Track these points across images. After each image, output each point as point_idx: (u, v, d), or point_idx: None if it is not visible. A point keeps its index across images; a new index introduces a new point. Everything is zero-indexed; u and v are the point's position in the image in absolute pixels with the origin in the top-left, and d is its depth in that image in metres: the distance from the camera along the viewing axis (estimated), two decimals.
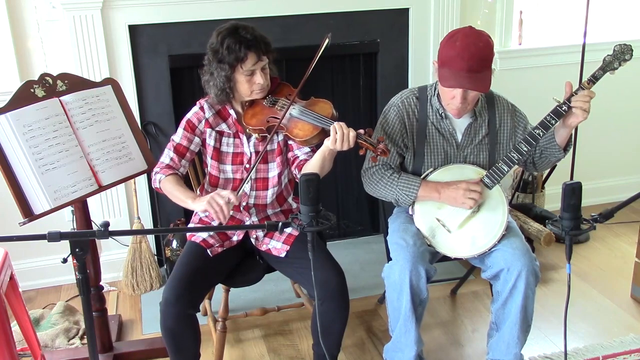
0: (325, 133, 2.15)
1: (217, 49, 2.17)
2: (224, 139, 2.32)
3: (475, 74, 2.14)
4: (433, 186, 2.31)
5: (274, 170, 2.36)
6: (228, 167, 2.34)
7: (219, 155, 2.33)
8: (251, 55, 2.15)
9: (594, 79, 2.21)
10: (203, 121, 2.29)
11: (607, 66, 2.22)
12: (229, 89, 2.22)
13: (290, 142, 2.33)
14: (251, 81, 2.21)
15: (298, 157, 2.33)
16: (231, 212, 2.37)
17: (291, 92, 2.29)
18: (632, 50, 2.22)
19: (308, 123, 2.18)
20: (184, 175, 2.36)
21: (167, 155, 2.30)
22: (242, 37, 2.15)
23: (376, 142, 2.12)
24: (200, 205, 2.12)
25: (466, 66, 2.13)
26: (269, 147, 2.31)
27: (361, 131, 2.12)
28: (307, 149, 2.33)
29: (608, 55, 2.23)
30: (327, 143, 2.11)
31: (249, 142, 2.32)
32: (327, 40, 2.22)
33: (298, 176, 2.32)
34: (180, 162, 2.30)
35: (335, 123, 2.10)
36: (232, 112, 2.32)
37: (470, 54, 2.12)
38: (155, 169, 2.30)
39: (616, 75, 2.29)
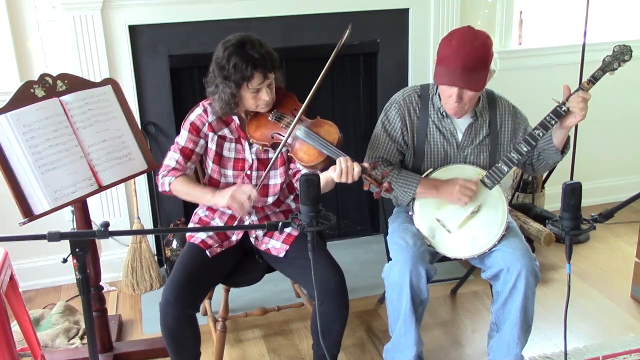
0: (330, 160, 2.14)
1: (224, 66, 2.12)
2: (226, 144, 2.32)
3: (469, 73, 2.14)
4: (431, 183, 2.32)
5: (276, 178, 2.35)
6: (229, 172, 2.33)
7: (220, 159, 2.32)
8: (257, 75, 2.12)
9: (594, 79, 2.21)
10: (206, 124, 2.28)
11: (607, 67, 2.22)
12: (234, 104, 2.20)
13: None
14: (257, 97, 2.19)
15: (300, 170, 2.32)
16: (230, 212, 2.37)
17: (296, 107, 2.25)
18: (631, 51, 2.22)
19: (314, 148, 2.16)
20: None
21: (172, 158, 2.29)
22: (250, 55, 2.10)
23: (380, 178, 2.09)
24: (222, 200, 2.14)
25: (460, 65, 2.13)
26: (271, 156, 2.30)
27: (366, 165, 2.09)
28: None
29: (607, 55, 2.23)
30: (332, 174, 2.09)
31: (250, 148, 2.31)
32: (347, 32, 2.16)
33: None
34: (186, 164, 2.29)
35: (341, 157, 2.07)
36: (235, 117, 2.31)
37: (465, 53, 2.13)
38: (162, 172, 2.28)
39: (616, 76, 2.29)
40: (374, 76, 3.47)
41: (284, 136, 2.17)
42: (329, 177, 2.11)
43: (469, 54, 2.13)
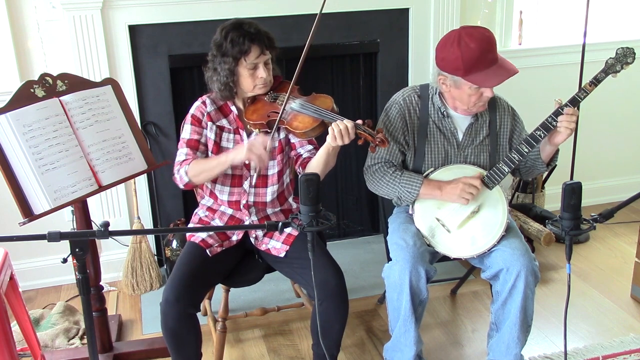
0: (325, 126, 2.16)
1: (221, 43, 2.19)
2: (224, 135, 2.33)
3: (500, 61, 2.21)
4: (435, 184, 2.32)
5: (273, 167, 2.36)
6: None
7: (219, 150, 2.33)
8: (254, 48, 2.17)
9: (596, 81, 2.21)
10: (205, 114, 2.31)
11: (609, 69, 2.22)
12: (232, 83, 2.23)
13: (291, 137, 2.33)
14: (254, 75, 2.22)
15: (301, 155, 2.34)
16: (231, 211, 2.38)
17: (293, 88, 2.29)
18: (634, 54, 2.22)
19: (308, 116, 2.19)
20: None
21: (182, 153, 2.29)
22: (246, 30, 2.18)
23: (375, 133, 2.13)
24: (240, 155, 2.14)
25: (492, 57, 2.18)
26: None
27: (359, 122, 2.13)
28: (309, 147, 2.34)
29: (610, 58, 2.23)
30: (328, 140, 2.12)
31: (249, 138, 2.32)
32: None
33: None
34: (195, 154, 2.29)
35: (334, 122, 2.11)
36: (233, 108, 2.33)
37: (489, 45, 2.18)
38: (175, 168, 2.28)
39: (617, 76, 2.29)
40: (374, 76, 3.47)
41: (279, 112, 2.21)
42: (329, 146, 2.14)
43: (492, 44, 2.18)
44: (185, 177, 2.24)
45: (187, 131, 2.31)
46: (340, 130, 2.08)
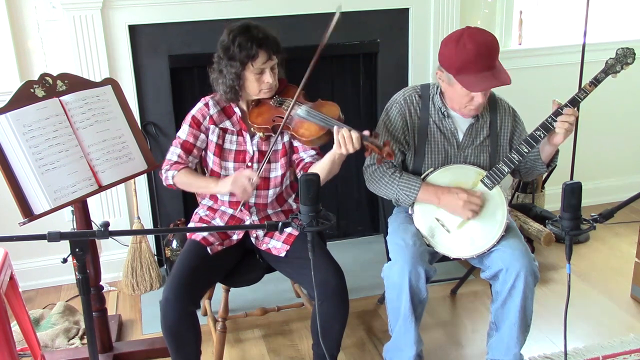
0: (331, 134, 2.15)
1: (229, 47, 2.18)
2: (227, 136, 2.33)
3: (497, 68, 2.17)
4: (433, 191, 2.31)
5: (277, 170, 2.36)
6: (230, 165, 2.34)
7: (221, 152, 2.33)
8: (262, 54, 2.17)
9: (596, 81, 2.21)
10: (207, 117, 2.30)
11: (610, 69, 2.22)
12: (237, 86, 2.22)
13: (295, 142, 2.33)
14: (260, 80, 2.22)
15: (303, 159, 2.33)
16: (231, 211, 2.38)
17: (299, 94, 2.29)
18: (634, 54, 2.21)
19: (314, 123, 2.18)
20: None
21: (174, 153, 2.31)
22: (254, 35, 2.17)
23: (382, 145, 2.12)
24: (224, 187, 2.18)
25: (488, 64, 2.14)
26: (273, 147, 2.31)
27: (366, 132, 2.12)
28: (312, 152, 2.33)
29: (611, 58, 2.22)
30: (335, 147, 2.12)
31: (252, 140, 2.32)
32: (337, 15, 2.13)
33: None
34: (187, 158, 2.31)
35: (337, 127, 2.10)
36: (236, 110, 2.32)
37: (487, 51, 2.14)
38: (164, 166, 2.31)
39: (617, 76, 2.29)
40: (374, 76, 3.47)
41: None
42: (335, 153, 2.14)
43: (490, 50, 2.15)
44: (170, 180, 2.30)
45: (184, 132, 2.31)
46: (344, 137, 2.07)
